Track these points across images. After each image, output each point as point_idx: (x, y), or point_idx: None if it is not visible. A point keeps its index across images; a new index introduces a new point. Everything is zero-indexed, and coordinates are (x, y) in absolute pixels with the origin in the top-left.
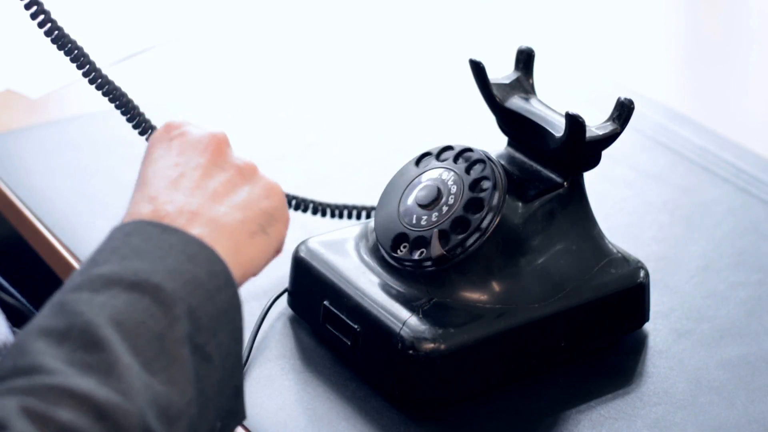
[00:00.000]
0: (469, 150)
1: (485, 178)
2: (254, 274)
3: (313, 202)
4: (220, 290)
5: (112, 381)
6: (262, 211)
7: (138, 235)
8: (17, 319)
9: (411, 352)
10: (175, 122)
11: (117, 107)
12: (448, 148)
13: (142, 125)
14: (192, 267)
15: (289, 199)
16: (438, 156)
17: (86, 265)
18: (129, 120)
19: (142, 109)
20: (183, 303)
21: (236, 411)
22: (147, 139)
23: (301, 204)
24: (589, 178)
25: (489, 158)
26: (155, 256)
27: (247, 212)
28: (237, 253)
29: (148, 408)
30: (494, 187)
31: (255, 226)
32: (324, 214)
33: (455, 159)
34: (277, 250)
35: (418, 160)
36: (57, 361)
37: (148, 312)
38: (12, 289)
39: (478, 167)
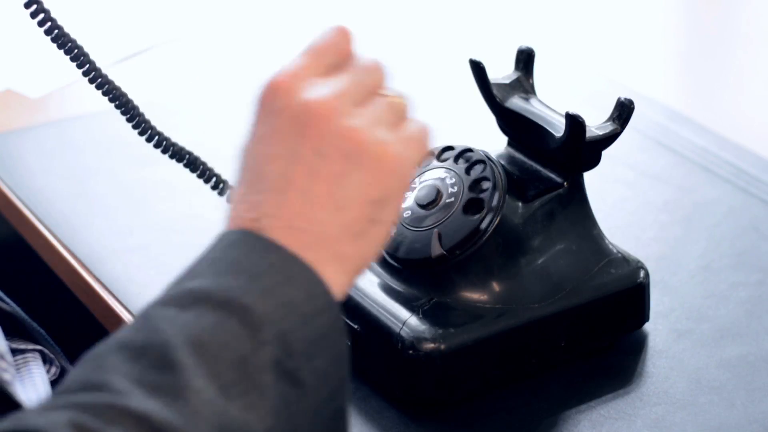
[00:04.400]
0: (470, 150)
1: (485, 178)
2: (369, 264)
3: None
4: (318, 314)
5: (177, 404)
6: (369, 203)
7: (238, 247)
8: (12, 327)
9: (411, 352)
10: (283, 81)
11: (117, 107)
12: (449, 148)
13: (142, 125)
14: (289, 289)
15: None
16: (438, 156)
17: (183, 275)
18: (129, 120)
19: (142, 110)
20: (273, 326)
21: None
22: (147, 140)
23: None
24: (589, 178)
25: (489, 158)
26: (251, 274)
27: (351, 212)
28: (343, 260)
29: None
30: (494, 187)
31: (360, 225)
32: None
33: (455, 159)
34: (392, 225)
35: None
36: (126, 379)
37: (233, 334)
38: (5, 297)
39: (478, 167)
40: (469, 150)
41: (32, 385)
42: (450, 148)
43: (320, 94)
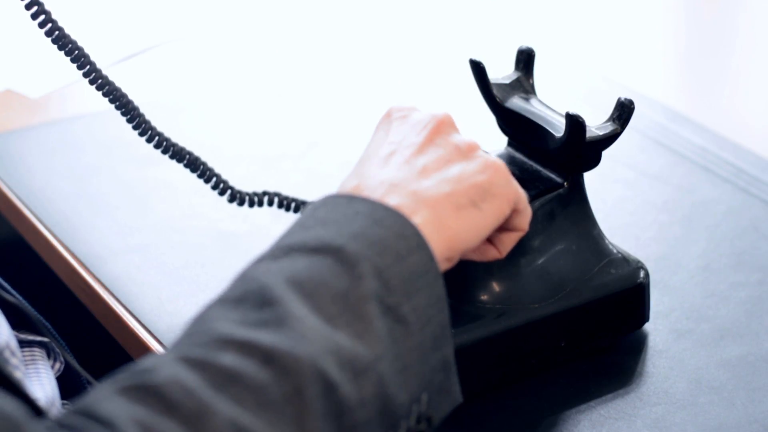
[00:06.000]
0: None
1: None
2: (464, 249)
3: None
4: (411, 252)
5: (283, 330)
6: (474, 185)
7: (325, 206)
8: (19, 319)
9: None
10: (398, 106)
11: (117, 108)
12: None
13: (142, 126)
14: (378, 230)
15: (288, 201)
16: None
17: (275, 241)
18: (129, 121)
19: (142, 110)
20: (368, 262)
21: (447, 389)
22: (147, 140)
23: (300, 206)
24: (589, 178)
25: None
26: (340, 223)
27: (457, 186)
28: (439, 226)
29: (325, 355)
30: None
31: (464, 199)
32: None
33: None
34: (493, 225)
35: None
36: (230, 322)
37: (330, 271)
38: (10, 288)
39: None
40: None
41: (39, 384)
42: None
43: (443, 112)
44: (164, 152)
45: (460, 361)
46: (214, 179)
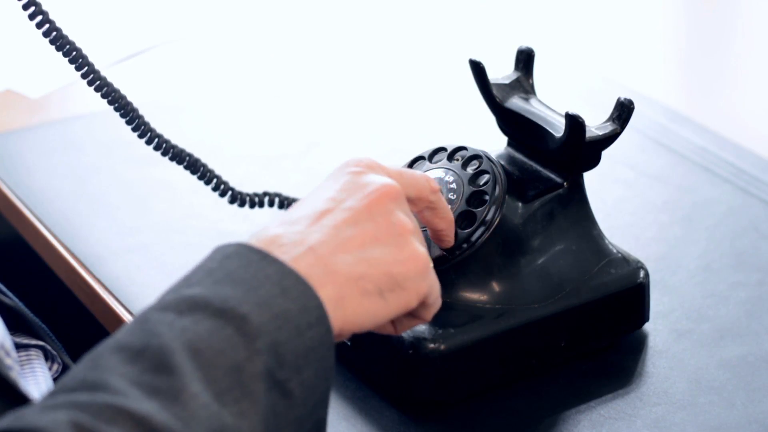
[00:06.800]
0: (463, 148)
1: (484, 172)
2: (357, 331)
3: None
4: (310, 327)
5: (174, 407)
6: (387, 274)
7: (237, 259)
8: (13, 321)
9: (411, 352)
10: (362, 159)
11: (116, 109)
12: (441, 149)
13: (141, 128)
14: (283, 301)
15: (289, 201)
16: (430, 158)
17: (179, 283)
18: (128, 123)
19: (141, 110)
20: (267, 337)
21: None
22: (147, 142)
23: None
24: (589, 178)
25: (486, 156)
26: (248, 285)
27: (370, 270)
28: (340, 305)
29: None
30: (494, 180)
31: (372, 286)
32: None
33: (449, 158)
34: (393, 315)
35: (412, 163)
36: (124, 380)
37: (229, 342)
38: (6, 290)
39: (475, 163)
40: (463, 148)
41: (35, 384)
42: (442, 149)
43: (393, 183)
44: (164, 154)
45: (460, 361)
46: (215, 181)
